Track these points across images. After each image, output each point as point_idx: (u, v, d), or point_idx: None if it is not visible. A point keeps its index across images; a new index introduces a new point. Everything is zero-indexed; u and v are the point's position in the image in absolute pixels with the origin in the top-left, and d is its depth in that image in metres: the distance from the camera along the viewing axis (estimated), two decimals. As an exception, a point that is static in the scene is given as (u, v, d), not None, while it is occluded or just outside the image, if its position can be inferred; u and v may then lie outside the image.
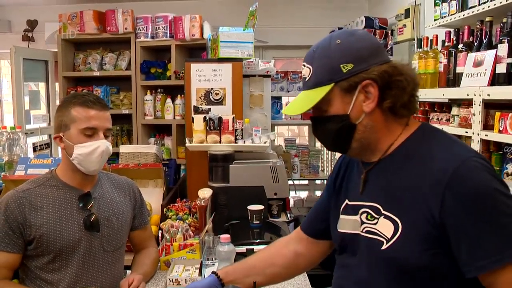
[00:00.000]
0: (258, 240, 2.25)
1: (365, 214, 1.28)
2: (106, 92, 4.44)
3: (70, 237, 1.82)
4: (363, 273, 1.27)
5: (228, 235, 1.80)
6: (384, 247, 1.20)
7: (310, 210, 1.63)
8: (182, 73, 4.05)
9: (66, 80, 4.52)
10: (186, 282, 1.98)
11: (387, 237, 1.20)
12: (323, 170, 5.08)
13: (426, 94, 2.76)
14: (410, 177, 1.19)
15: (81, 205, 1.86)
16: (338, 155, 5.16)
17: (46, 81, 4.73)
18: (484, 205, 1.09)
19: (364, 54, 1.23)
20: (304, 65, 1.29)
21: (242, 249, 2.16)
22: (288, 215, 2.78)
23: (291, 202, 4.59)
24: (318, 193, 5.20)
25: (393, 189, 1.23)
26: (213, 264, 2.16)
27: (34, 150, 3.91)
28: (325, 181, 5.07)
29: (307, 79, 1.27)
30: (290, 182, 2.84)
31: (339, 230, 1.37)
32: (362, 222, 1.28)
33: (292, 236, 1.65)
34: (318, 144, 5.28)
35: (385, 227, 1.21)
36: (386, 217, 1.22)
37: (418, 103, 3.07)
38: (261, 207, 2.41)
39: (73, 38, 4.42)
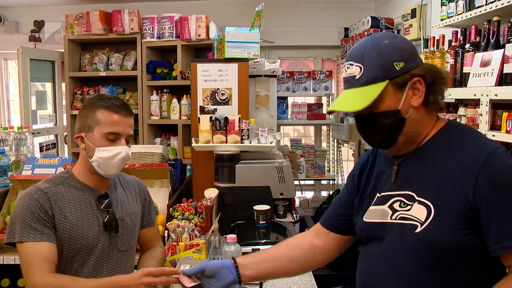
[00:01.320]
0: (264, 240, 2.24)
1: (398, 203, 1.36)
2: (112, 92, 4.45)
3: (90, 237, 1.82)
4: (396, 258, 1.32)
5: (234, 235, 1.80)
6: (418, 230, 1.28)
7: (330, 205, 1.69)
8: (188, 73, 4.06)
9: (73, 80, 4.53)
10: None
11: (420, 221, 1.28)
12: (328, 170, 5.08)
13: (432, 94, 2.75)
14: (444, 164, 1.29)
15: (101, 206, 1.87)
16: (344, 155, 5.18)
17: (52, 81, 4.75)
18: None
19: (409, 53, 1.33)
20: (352, 64, 1.35)
21: (248, 249, 2.15)
22: (294, 215, 2.77)
23: (297, 203, 4.59)
24: (324, 193, 5.20)
25: (427, 176, 1.31)
26: (219, 264, 2.16)
27: (41, 150, 3.92)
28: (331, 181, 5.10)
29: (357, 77, 1.33)
30: (296, 182, 2.83)
31: (365, 220, 1.43)
32: (394, 211, 1.35)
33: (310, 230, 1.69)
34: (324, 144, 5.28)
35: (419, 212, 1.29)
36: (420, 202, 1.30)
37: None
38: (267, 207, 2.41)
39: (79, 39, 4.44)
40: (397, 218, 1.34)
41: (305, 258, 1.62)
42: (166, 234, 2.38)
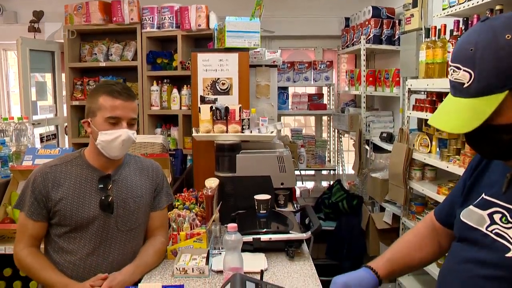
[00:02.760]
0: (265, 230, 2.24)
1: (499, 215, 1.19)
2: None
3: (85, 214, 1.96)
4: (476, 272, 1.21)
5: (235, 224, 1.79)
6: (509, 254, 1.13)
7: (445, 197, 1.56)
8: (188, 63, 4.04)
9: (73, 71, 4.52)
10: (193, 271, 1.99)
11: None
12: (329, 161, 5.09)
13: (433, 84, 2.75)
14: None
15: (100, 186, 2.00)
16: (345, 146, 5.17)
17: (52, 72, 4.74)
18: None
19: None
20: (460, 68, 1.10)
21: (249, 238, 2.16)
22: (295, 205, 2.77)
23: (298, 193, 4.59)
24: (324, 184, 5.21)
25: None
26: (220, 254, 2.17)
27: (41, 140, 3.92)
28: (331, 172, 5.10)
29: (466, 85, 1.09)
30: (297, 172, 2.82)
31: (462, 218, 1.29)
32: (493, 222, 1.20)
33: (428, 223, 1.56)
34: (325, 135, 5.27)
35: None
36: None
37: (426, 93, 3.08)
38: (268, 196, 2.40)
39: (79, 29, 4.42)
40: (492, 232, 1.19)
41: (431, 258, 1.54)
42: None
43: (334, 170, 5.08)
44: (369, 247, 3.88)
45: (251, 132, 2.76)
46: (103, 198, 1.98)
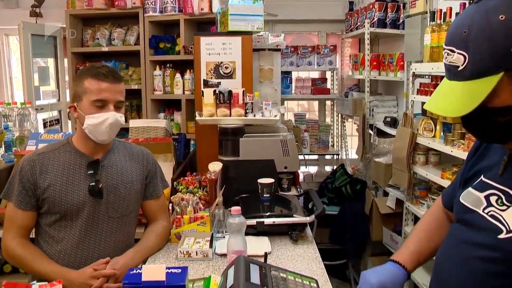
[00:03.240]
0: (269, 213, 2.24)
1: (495, 197, 1.20)
2: (115, 68, 4.42)
3: (74, 200, 1.93)
4: (472, 254, 1.21)
5: (238, 207, 1.79)
6: (501, 236, 1.14)
7: (451, 182, 1.54)
8: (191, 47, 4.02)
9: (75, 56, 4.50)
10: (196, 254, 2.00)
11: (509, 228, 1.14)
12: (332, 145, 5.08)
13: (438, 68, 2.72)
14: None
15: (89, 172, 1.96)
16: (348, 130, 5.16)
17: (55, 57, 4.72)
18: None
19: None
20: (453, 51, 1.09)
21: (253, 221, 2.16)
22: (298, 189, 2.77)
23: (301, 177, 4.60)
24: (328, 168, 5.20)
25: None
26: (224, 237, 2.17)
27: (45, 126, 3.92)
28: (335, 156, 5.10)
29: (460, 68, 1.08)
30: (301, 157, 2.82)
31: (460, 200, 1.30)
32: (489, 204, 1.21)
33: (440, 206, 1.55)
34: (328, 119, 5.26)
35: (511, 218, 1.14)
36: None
37: (430, 77, 3.05)
38: (271, 180, 2.40)
39: (81, 13, 4.39)
40: (488, 214, 1.19)
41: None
42: (170, 207, 2.39)
43: (338, 154, 5.07)
44: (372, 232, 3.88)
45: (254, 116, 2.75)
46: (92, 183, 1.95)
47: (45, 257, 1.91)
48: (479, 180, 1.27)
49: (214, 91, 2.75)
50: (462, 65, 1.07)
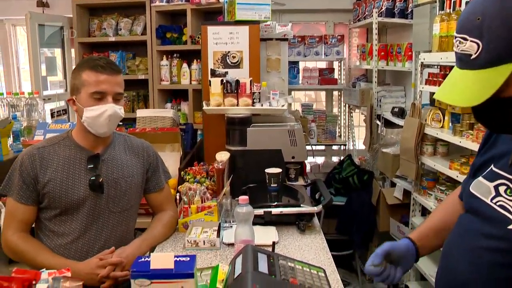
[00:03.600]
0: (276, 203, 2.24)
1: (504, 187, 1.18)
2: (122, 58, 4.42)
3: (75, 195, 1.91)
4: (479, 244, 1.20)
5: (246, 197, 1.79)
6: (511, 226, 1.12)
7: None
8: (198, 37, 4.01)
9: (82, 46, 4.50)
10: (204, 244, 2.00)
11: None
12: (340, 136, 5.06)
13: (447, 57, 2.70)
14: None
15: (89, 166, 1.94)
16: (355, 121, 5.14)
17: (62, 47, 4.72)
18: None
19: None
20: (466, 39, 1.06)
21: (260, 211, 2.16)
22: (306, 179, 2.76)
23: (308, 168, 4.59)
24: (335, 159, 5.19)
25: None
26: (231, 227, 2.17)
27: (52, 116, 3.93)
28: (342, 147, 5.08)
29: (473, 56, 1.05)
30: (308, 147, 2.81)
31: (470, 189, 1.28)
32: (498, 194, 1.19)
33: (455, 194, 1.54)
34: (335, 110, 5.24)
35: None
36: None
37: (439, 67, 3.03)
38: (278, 170, 2.39)
39: (87, 3, 4.39)
40: (497, 204, 1.17)
41: None
42: (178, 197, 2.38)
43: (345, 145, 5.05)
44: (379, 223, 3.87)
45: (262, 105, 2.74)
46: (93, 178, 1.93)
47: (48, 250, 1.90)
48: (489, 169, 1.25)
49: (222, 80, 2.74)
50: (475, 54, 1.04)
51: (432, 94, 3.21)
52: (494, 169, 1.24)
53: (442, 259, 1.35)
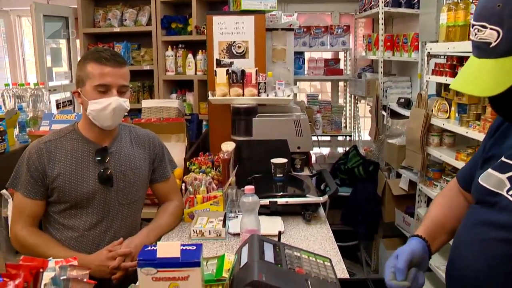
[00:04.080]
0: (281, 193, 2.24)
1: None
2: (127, 48, 4.41)
3: (84, 189, 1.90)
4: (493, 235, 1.17)
5: (252, 186, 1.78)
6: None
7: (468, 162, 1.48)
8: (203, 28, 4.00)
9: (87, 36, 4.49)
10: (210, 234, 2.00)
11: None
12: (345, 127, 5.05)
13: (454, 47, 2.68)
14: None
15: (97, 159, 1.93)
16: (361, 111, 5.12)
17: (67, 38, 4.72)
18: None
19: None
20: (485, 27, 1.04)
21: (266, 201, 2.16)
22: (311, 170, 2.76)
23: (313, 158, 4.58)
24: (340, 150, 5.18)
25: None
26: (237, 217, 2.18)
27: (57, 107, 3.93)
28: (347, 138, 5.07)
29: (493, 45, 1.03)
30: (314, 138, 2.80)
31: (480, 182, 1.25)
32: None
33: (452, 186, 1.52)
34: (341, 100, 5.22)
35: None
36: None
37: (446, 57, 3.01)
38: (284, 160, 2.39)
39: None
40: (511, 194, 1.14)
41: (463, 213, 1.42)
42: (183, 187, 2.39)
43: (350, 136, 5.04)
44: (385, 214, 3.87)
45: (267, 95, 2.73)
46: (101, 171, 1.92)
47: (58, 244, 1.89)
48: (499, 161, 1.23)
49: (227, 70, 2.73)
50: (494, 42, 1.02)
51: (438, 85, 3.19)
52: (505, 160, 1.21)
53: (452, 250, 1.34)
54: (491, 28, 1.02)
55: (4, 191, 2.43)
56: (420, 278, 1.29)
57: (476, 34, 1.06)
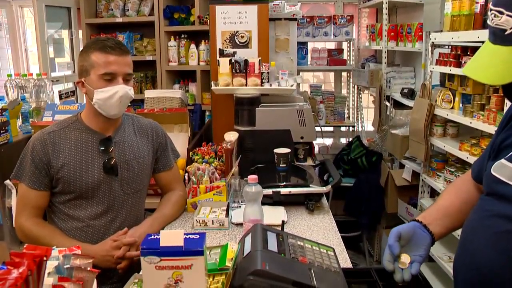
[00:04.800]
0: (285, 183, 2.23)
1: None
2: (129, 39, 4.40)
3: (89, 179, 1.90)
4: (505, 227, 1.16)
5: (255, 176, 1.78)
6: None
7: (481, 154, 1.44)
8: (206, 17, 3.98)
9: (89, 27, 4.48)
10: (213, 223, 2.00)
11: None
12: (348, 117, 5.03)
13: (459, 37, 2.66)
14: None
15: (101, 148, 1.93)
16: (364, 102, 5.10)
17: (69, 28, 4.70)
18: None
19: None
20: (502, 13, 1.01)
21: (269, 191, 2.16)
22: (314, 160, 2.75)
23: (316, 149, 4.58)
24: (343, 140, 5.17)
25: None
26: (240, 207, 2.17)
27: (60, 97, 3.93)
28: (351, 128, 5.06)
29: (509, 31, 1.00)
30: (317, 128, 2.79)
31: (493, 173, 1.22)
32: None
33: (465, 178, 1.49)
34: (344, 91, 5.20)
35: None
36: None
37: (450, 47, 2.98)
38: (287, 150, 2.38)
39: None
40: None
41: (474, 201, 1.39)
42: (186, 177, 2.39)
43: (353, 126, 5.03)
44: (388, 204, 3.87)
45: (270, 85, 2.72)
46: (106, 161, 1.92)
47: (63, 234, 1.90)
48: None
49: (230, 60, 2.72)
50: (510, 29, 1.00)
51: (442, 75, 3.17)
52: None
53: (462, 242, 1.31)
54: (507, 15, 1.00)
55: (7, 181, 2.45)
56: (413, 267, 1.29)
57: (492, 20, 1.03)
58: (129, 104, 2.12)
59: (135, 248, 1.83)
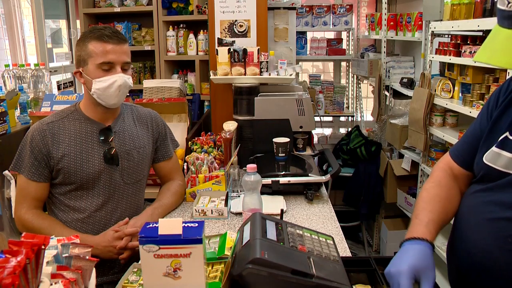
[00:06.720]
0: (284, 172, 2.23)
1: None
2: (127, 29, 4.37)
3: (90, 169, 1.89)
4: (501, 214, 1.15)
5: (254, 165, 1.77)
6: None
7: (461, 137, 1.42)
8: (205, 7, 3.95)
9: (87, 17, 4.45)
10: (212, 213, 2.00)
11: None
12: (347, 107, 5.03)
13: (459, 26, 2.65)
14: None
15: (101, 138, 1.92)
16: (363, 92, 5.09)
17: (67, 18, 4.68)
18: None
19: None
20: None
21: (268, 181, 2.15)
22: (313, 149, 2.75)
23: (315, 139, 4.57)
24: (343, 130, 5.17)
25: None
26: (239, 196, 2.17)
27: (59, 88, 3.91)
28: (350, 118, 5.05)
29: None
30: (317, 118, 2.78)
31: (485, 162, 1.21)
32: None
33: (447, 172, 1.41)
34: (343, 81, 5.19)
35: None
36: None
37: (450, 36, 2.97)
38: (286, 140, 2.38)
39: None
40: None
41: (457, 205, 1.35)
42: (185, 167, 2.38)
43: (353, 116, 5.03)
44: (387, 194, 3.87)
45: (269, 74, 2.71)
46: (106, 151, 1.91)
47: (63, 226, 1.89)
48: (503, 137, 1.19)
49: (229, 49, 2.70)
50: None
51: (442, 64, 3.16)
52: (511, 137, 1.17)
53: (456, 230, 1.31)
54: None
55: (6, 172, 2.44)
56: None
57: (509, 4, 1.01)
58: (128, 94, 2.10)
59: (136, 238, 1.83)
